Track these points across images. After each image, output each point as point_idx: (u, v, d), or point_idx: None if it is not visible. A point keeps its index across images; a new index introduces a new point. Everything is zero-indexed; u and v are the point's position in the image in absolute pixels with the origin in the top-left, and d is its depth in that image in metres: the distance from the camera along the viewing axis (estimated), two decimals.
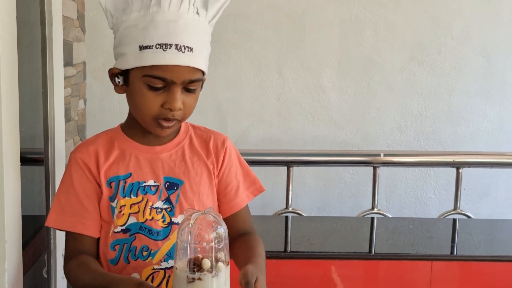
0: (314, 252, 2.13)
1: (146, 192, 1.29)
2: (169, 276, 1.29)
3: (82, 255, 1.27)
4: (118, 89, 1.30)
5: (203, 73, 1.27)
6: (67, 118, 2.45)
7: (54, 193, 1.76)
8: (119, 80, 1.27)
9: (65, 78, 2.14)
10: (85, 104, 2.97)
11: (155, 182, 1.30)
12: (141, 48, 1.21)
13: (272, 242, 2.24)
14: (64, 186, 1.31)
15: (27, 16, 1.73)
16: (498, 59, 3.16)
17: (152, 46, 1.20)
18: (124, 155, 1.31)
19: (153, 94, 1.22)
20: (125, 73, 1.26)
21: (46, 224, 1.31)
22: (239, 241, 1.33)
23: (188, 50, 1.21)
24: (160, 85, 1.22)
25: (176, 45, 1.20)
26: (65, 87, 2.16)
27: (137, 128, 1.31)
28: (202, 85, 1.32)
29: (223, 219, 1.14)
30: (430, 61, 3.15)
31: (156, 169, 1.30)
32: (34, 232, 1.83)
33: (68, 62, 2.49)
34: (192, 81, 1.24)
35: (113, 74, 1.28)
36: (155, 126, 1.26)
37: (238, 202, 1.37)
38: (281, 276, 2.08)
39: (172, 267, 1.26)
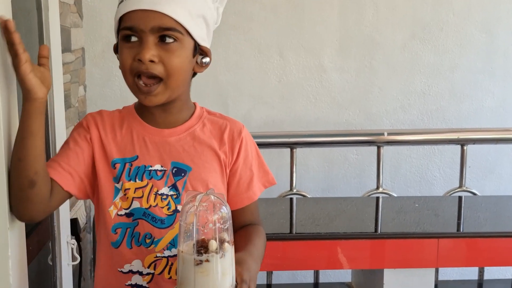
0: (319, 233, 2.12)
1: (152, 177, 1.25)
2: (172, 264, 1.27)
3: None
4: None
5: (187, 31, 1.20)
6: (67, 105, 2.43)
7: None
8: (118, 54, 1.26)
9: (63, 64, 2.12)
10: (85, 91, 2.95)
11: (162, 166, 1.26)
12: (118, 5, 1.23)
13: (278, 224, 2.24)
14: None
15: (23, 2, 1.70)
16: (501, 35, 3.13)
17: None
18: (132, 137, 1.28)
19: (128, 49, 1.20)
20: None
21: None
22: (240, 231, 1.29)
23: None
24: (131, 37, 1.19)
25: None
26: (64, 74, 2.14)
27: (147, 108, 1.27)
28: (199, 52, 1.25)
29: (231, 212, 1.11)
30: (432, 39, 3.11)
31: (163, 153, 1.26)
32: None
33: (66, 48, 2.47)
34: (164, 29, 1.17)
35: (115, 50, 1.28)
36: (137, 91, 1.22)
37: (250, 195, 1.32)
38: (287, 258, 2.08)
39: (175, 255, 1.24)
